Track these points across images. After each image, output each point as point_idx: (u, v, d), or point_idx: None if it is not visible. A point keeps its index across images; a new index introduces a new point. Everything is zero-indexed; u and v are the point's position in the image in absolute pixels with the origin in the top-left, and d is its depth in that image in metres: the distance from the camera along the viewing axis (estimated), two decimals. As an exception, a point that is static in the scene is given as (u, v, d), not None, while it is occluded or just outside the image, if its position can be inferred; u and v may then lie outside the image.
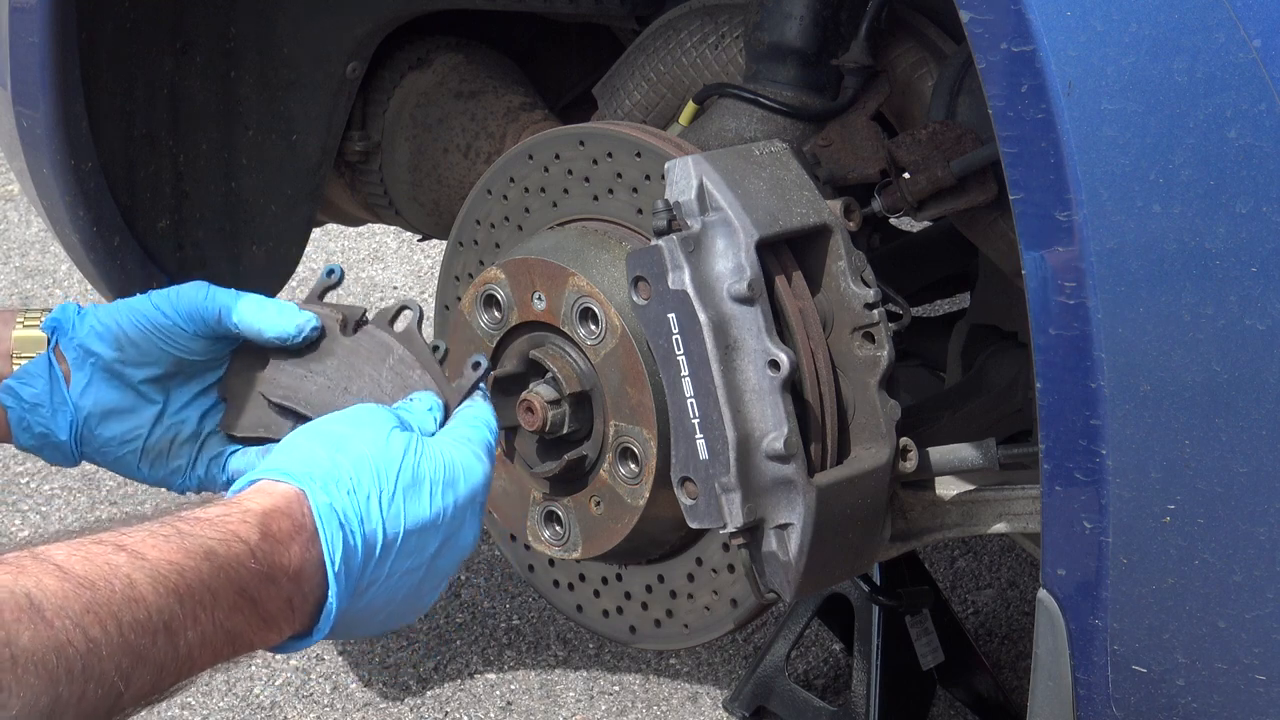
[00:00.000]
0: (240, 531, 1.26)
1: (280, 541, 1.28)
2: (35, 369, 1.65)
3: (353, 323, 1.61)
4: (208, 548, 1.22)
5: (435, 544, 1.40)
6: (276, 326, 1.61)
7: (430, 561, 1.40)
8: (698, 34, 2.10)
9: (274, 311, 1.62)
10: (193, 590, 1.20)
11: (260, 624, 1.26)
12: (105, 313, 1.67)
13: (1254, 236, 1.27)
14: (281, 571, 1.27)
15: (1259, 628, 1.37)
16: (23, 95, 2.12)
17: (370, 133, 2.44)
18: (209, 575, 1.21)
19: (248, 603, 1.24)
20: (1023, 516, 1.74)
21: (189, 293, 1.64)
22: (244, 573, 1.24)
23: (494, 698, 2.64)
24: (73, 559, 1.16)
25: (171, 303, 1.64)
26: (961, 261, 2.33)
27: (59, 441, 1.64)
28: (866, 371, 1.68)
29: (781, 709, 2.44)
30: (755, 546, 1.64)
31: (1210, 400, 1.32)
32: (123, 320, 1.65)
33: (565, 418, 1.81)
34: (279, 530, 1.28)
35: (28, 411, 1.64)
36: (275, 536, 1.27)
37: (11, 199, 4.85)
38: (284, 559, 1.27)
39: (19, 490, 3.22)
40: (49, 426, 1.64)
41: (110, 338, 1.64)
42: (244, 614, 1.24)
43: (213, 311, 1.63)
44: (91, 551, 1.18)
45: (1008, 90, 1.33)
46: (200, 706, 2.61)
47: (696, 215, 1.62)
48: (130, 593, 1.16)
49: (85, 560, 1.16)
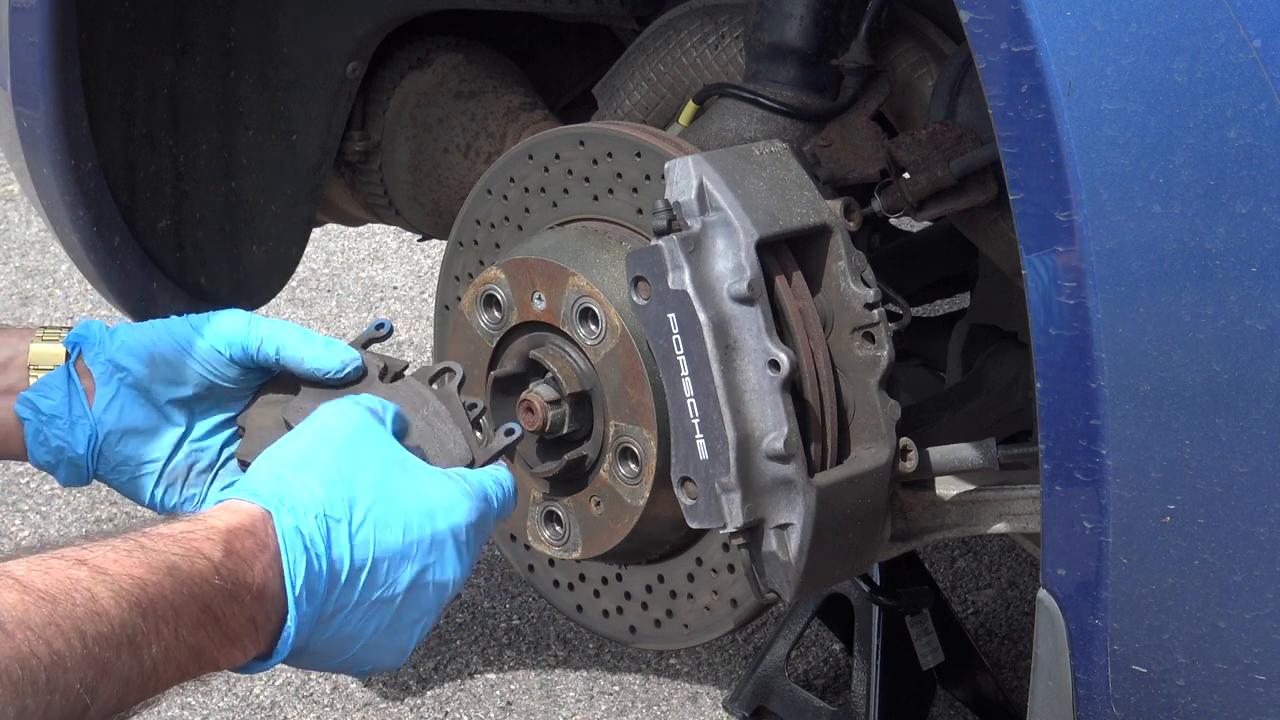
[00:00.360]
0: (204, 548, 1.25)
1: (244, 560, 1.27)
2: (54, 381, 1.63)
3: (393, 372, 1.61)
4: (170, 563, 1.22)
5: (409, 576, 1.38)
6: (320, 359, 1.60)
7: (405, 595, 1.38)
8: (698, 34, 2.10)
9: (320, 345, 1.61)
10: (155, 605, 1.19)
11: (224, 641, 1.26)
12: (139, 330, 1.66)
13: (1254, 236, 1.27)
14: (245, 589, 1.27)
15: (1259, 628, 1.37)
16: (23, 95, 2.12)
17: (370, 133, 2.44)
18: (171, 590, 1.21)
19: (211, 619, 1.24)
20: (1023, 516, 1.74)
21: (229, 319, 1.63)
22: (207, 589, 1.24)
23: (494, 698, 2.64)
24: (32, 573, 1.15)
25: (211, 326, 1.63)
26: (961, 261, 2.33)
27: (75, 456, 1.62)
28: (866, 371, 1.68)
29: (781, 709, 2.44)
30: (755, 546, 1.64)
31: (1210, 400, 1.32)
32: (158, 339, 1.64)
33: (565, 418, 1.81)
34: (243, 548, 1.28)
35: (45, 424, 1.62)
36: (239, 554, 1.27)
37: (11, 199, 4.85)
38: (247, 577, 1.27)
39: (19, 490, 3.22)
40: (66, 440, 1.62)
41: (144, 354, 1.63)
42: (207, 630, 1.24)
43: (254, 339, 1.62)
44: (51, 566, 1.17)
45: (1008, 90, 1.33)
46: (200, 706, 2.61)
47: (696, 215, 1.62)
48: (92, 606, 1.16)
49: (45, 574, 1.16)
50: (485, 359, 1.89)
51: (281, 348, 1.61)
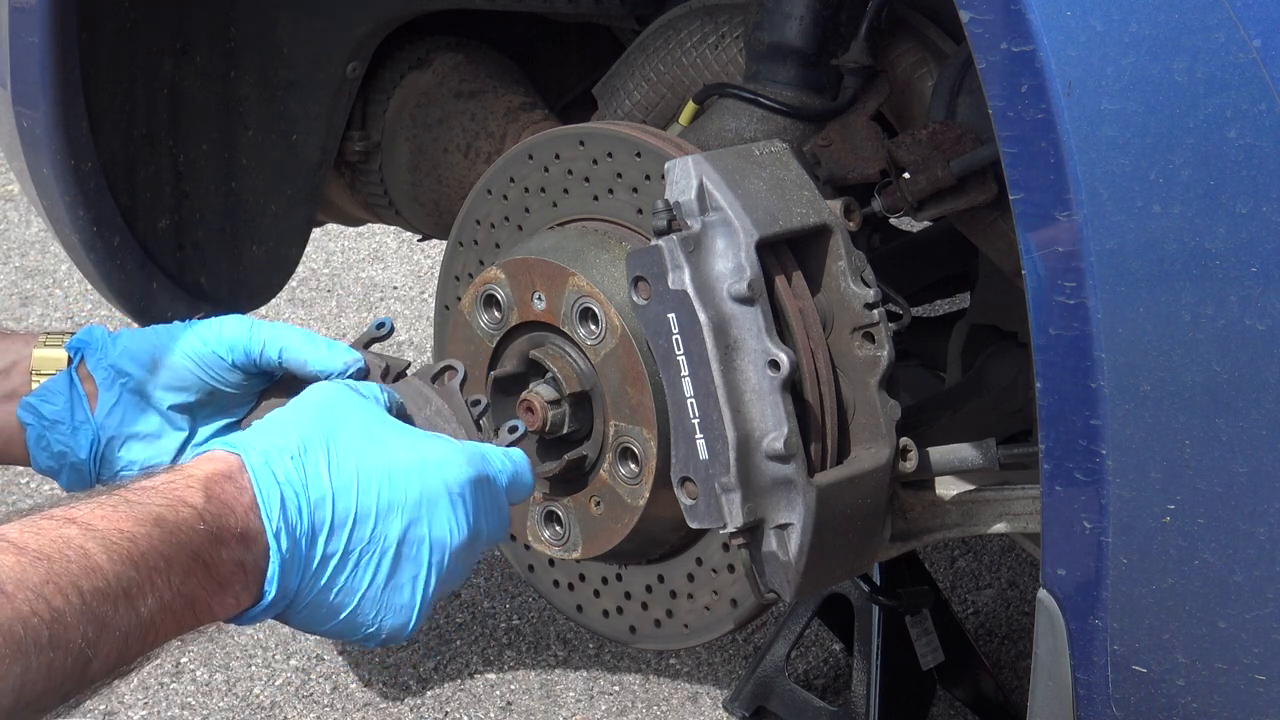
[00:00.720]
0: (186, 496, 1.26)
1: (225, 504, 1.28)
2: (56, 386, 1.64)
3: (395, 372, 1.61)
4: (156, 514, 1.23)
5: (399, 527, 1.37)
6: (323, 361, 1.61)
7: (398, 548, 1.37)
8: (698, 34, 2.10)
9: (323, 347, 1.61)
10: (146, 557, 1.20)
11: (216, 587, 1.26)
12: (141, 335, 1.66)
13: (1254, 236, 1.27)
14: (230, 534, 1.27)
15: (1259, 628, 1.37)
16: (23, 95, 2.12)
17: (370, 133, 2.44)
18: (160, 541, 1.22)
19: (201, 566, 1.25)
20: (1023, 516, 1.74)
21: (231, 324, 1.64)
22: (194, 536, 1.24)
23: (494, 698, 2.64)
24: (25, 535, 1.17)
25: (214, 331, 1.63)
26: (961, 261, 2.33)
27: (78, 461, 1.62)
28: (866, 371, 1.68)
29: (781, 709, 2.44)
30: (755, 546, 1.64)
31: (1210, 400, 1.32)
32: (160, 344, 1.64)
33: (565, 418, 1.81)
34: (223, 493, 1.28)
35: (47, 429, 1.62)
36: (220, 499, 1.28)
37: (11, 199, 4.85)
38: (230, 521, 1.28)
39: (19, 490, 3.22)
40: (69, 445, 1.62)
41: (146, 359, 1.63)
42: (199, 578, 1.24)
43: (256, 344, 1.62)
44: (42, 526, 1.18)
45: (1008, 90, 1.33)
46: (200, 706, 2.61)
47: (696, 215, 1.62)
48: (86, 562, 1.17)
49: (37, 534, 1.17)
50: (485, 359, 1.89)
51: (284, 350, 1.61)
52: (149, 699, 2.62)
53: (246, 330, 1.62)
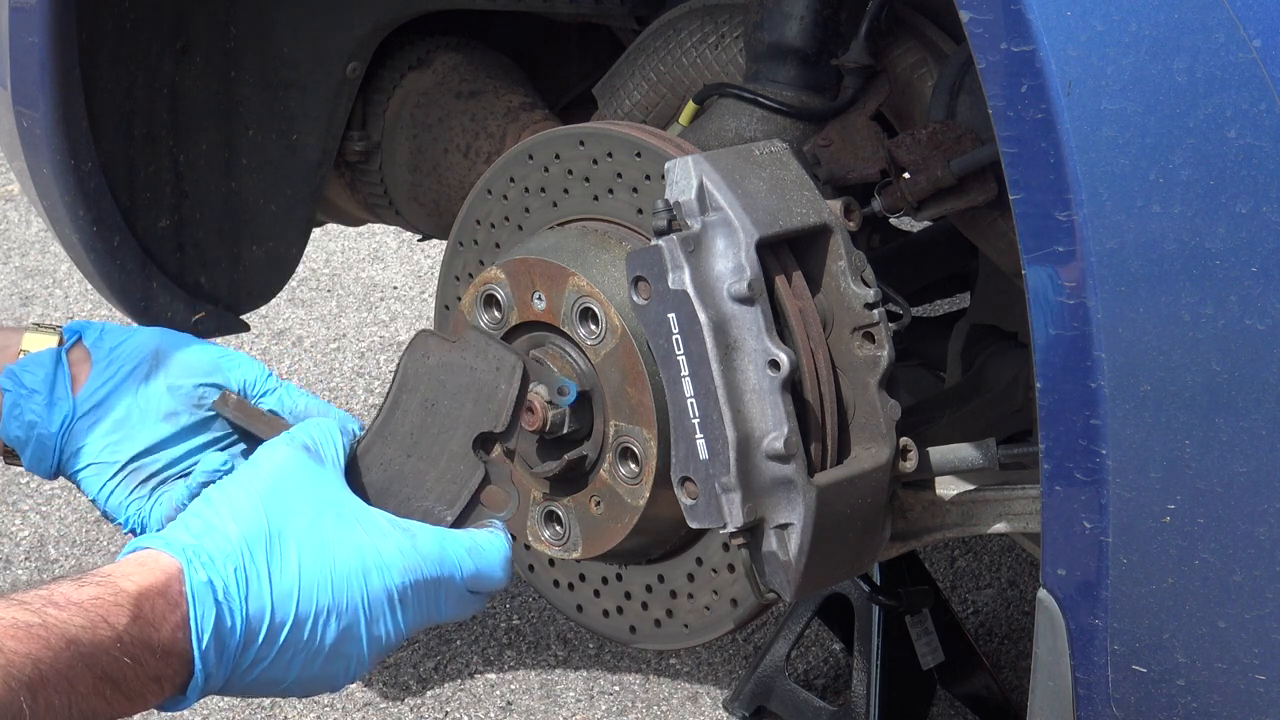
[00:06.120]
0: (110, 616, 1.25)
1: (151, 624, 1.27)
2: (41, 359, 1.64)
3: None
4: (71, 635, 1.22)
5: (335, 631, 1.35)
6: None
7: (333, 647, 1.36)
8: (698, 34, 2.10)
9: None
10: (47, 681, 1.19)
11: (123, 699, 1.26)
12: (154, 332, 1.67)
13: (1254, 236, 1.27)
14: (150, 652, 1.26)
15: (1259, 628, 1.37)
16: (23, 95, 2.12)
17: (370, 133, 2.44)
18: (67, 665, 1.21)
19: (109, 684, 1.24)
20: (1023, 516, 1.74)
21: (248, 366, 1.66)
22: (105, 659, 1.24)
23: (494, 698, 2.64)
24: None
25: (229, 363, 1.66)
26: (961, 261, 2.33)
27: (46, 434, 1.62)
28: (866, 371, 1.68)
29: (781, 709, 2.44)
30: (755, 546, 1.64)
31: (1210, 400, 1.32)
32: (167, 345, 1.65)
33: (565, 418, 1.81)
34: (152, 611, 1.27)
35: (24, 398, 1.63)
36: (146, 618, 1.27)
37: (11, 199, 4.85)
38: (154, 639, 1.27)
39: (19, 490, 3.22)
40: (40, 416, 1.62)
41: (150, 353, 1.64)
42: (105, 696, 1.24)
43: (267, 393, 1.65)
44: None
45: (1008, 90, 1.33)
46: (200, 706, 2.61)
47: (696, 215, 1.62)
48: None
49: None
50: (485, 359, 1.89)
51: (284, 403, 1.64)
52: (149, 699, 2.62)
53: (258, 373, 1.64)
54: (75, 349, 1.66)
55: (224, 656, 1.30)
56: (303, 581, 1.34)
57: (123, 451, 1.64)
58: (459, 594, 1.45)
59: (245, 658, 1.32)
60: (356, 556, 1.37)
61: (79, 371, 1.64)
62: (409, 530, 1.43)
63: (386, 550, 1.39)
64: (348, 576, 1.36)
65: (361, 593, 1.36)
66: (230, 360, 1.67)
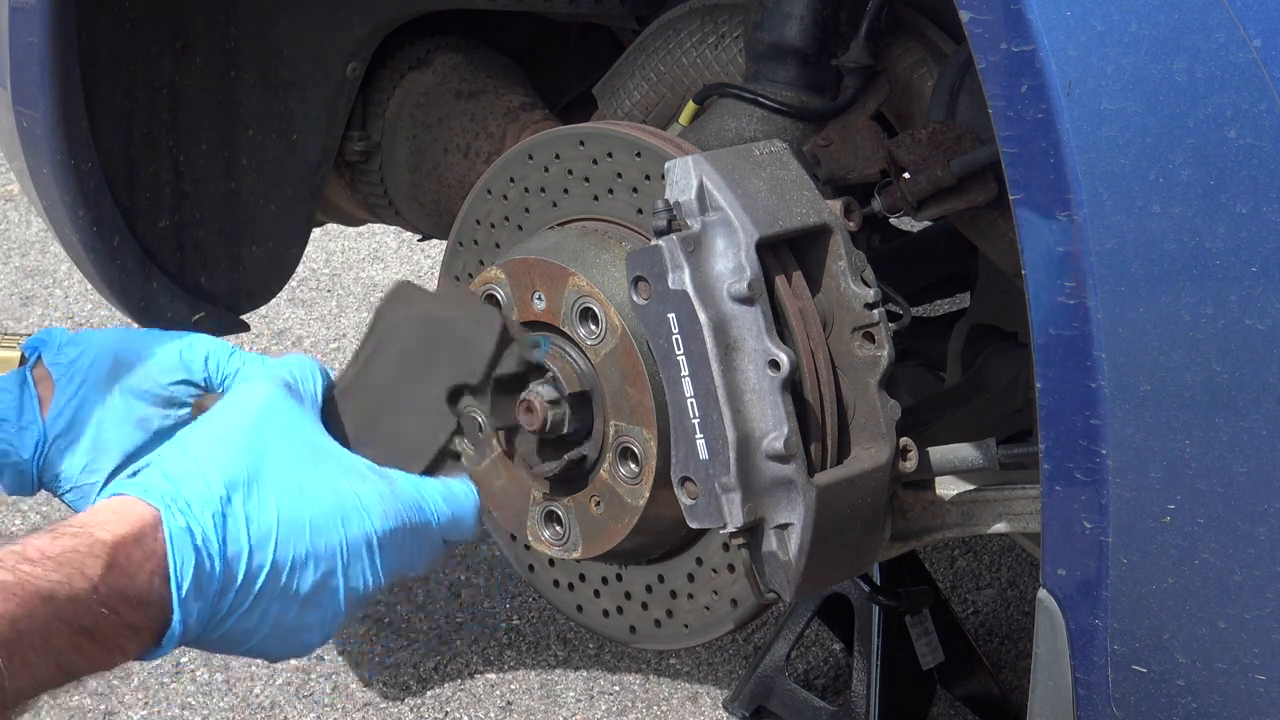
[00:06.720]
0: (85, 567, 1.23)
1: (127, 573, 1.25)
2: (6, 385, 1.61)
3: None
4: (46, 592, 1.21)
5: (312, 578, 1.33)
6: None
7: (310, 596, 1.33)
8: (698, 34, 2.10)
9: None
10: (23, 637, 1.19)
11: (99, 650, 1.25)
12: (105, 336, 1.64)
13: (1254, 236, 1.27)
14: (126, 601, 1.25)
15: (1259, 628, 1.37)
16: (23, 95, 2.12)
17: (370, 133, 2.44)
18: (43, 621, 1.20)
19: (85, 636, 1.23)
20: (1023, 516, 1.74)
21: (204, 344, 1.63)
22: (82, 611, 1.22)
23: (494, 698, 2.64)
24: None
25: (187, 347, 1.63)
26: (961, 261, 2.33)
27: (20, 460, 1.60)
28: (866, 371, 1.68)
29: (781, 709, 2.44)
30: (755, 546, 1.64)
31: (1210, 400, 1.32)
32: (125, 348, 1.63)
33: (565, 418, 1.81)
34: (128, 560, 1.25)
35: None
36: (122, 568, 1.25)
37: (11, 199, 4.85)
38: (130, 589, 1.25)
39: (19, 490, 3.22)
40: (12, 443, 1.59)
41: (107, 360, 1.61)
42: (81, 650, 1.23)
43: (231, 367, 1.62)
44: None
45: (1008, 90, 1.33)
46: (200, 706, 2.61)
47: (696, 215, 1.62)
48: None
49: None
50: (485, 359, 1.89)
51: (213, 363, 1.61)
52: (149, 699, 2.62)
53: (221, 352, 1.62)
54: (38, 366, 1.63)
55: (202, 599, 1.28)
56: (280, 525, 1.31)
57: (101, 469, 1.61)
58: (434, 542, 1.43)
59: (222, 605, 1.29)
60: (335, 500, 1.35)
61: (45, 390, 1.61)
62: (387, 475, 1.41)
63: (366, 495, 1.37)
64: (327, 520, 1.34)
65: (340, 538, 1.34)
66: (191, 350, 1.63)
